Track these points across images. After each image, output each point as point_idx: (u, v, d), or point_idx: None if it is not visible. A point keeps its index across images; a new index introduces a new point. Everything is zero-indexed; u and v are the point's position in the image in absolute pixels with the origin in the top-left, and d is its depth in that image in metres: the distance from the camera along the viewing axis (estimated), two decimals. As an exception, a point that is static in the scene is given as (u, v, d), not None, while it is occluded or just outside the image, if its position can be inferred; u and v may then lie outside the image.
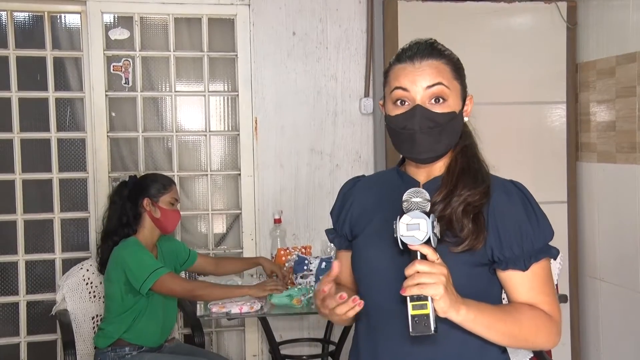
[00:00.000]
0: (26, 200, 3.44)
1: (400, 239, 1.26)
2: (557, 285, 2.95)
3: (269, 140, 3.61)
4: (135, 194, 2.83)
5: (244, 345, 3.66)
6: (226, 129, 3.69)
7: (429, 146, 1.38)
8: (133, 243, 2.77)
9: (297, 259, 3.02)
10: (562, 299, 2.98)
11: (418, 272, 1.22)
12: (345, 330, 3.23)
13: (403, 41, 1.53)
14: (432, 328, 1.22)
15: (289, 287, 2.84)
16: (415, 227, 1.24)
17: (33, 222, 3.47)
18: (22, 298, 3.44)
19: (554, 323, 1.39)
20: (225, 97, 3.67)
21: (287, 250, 3.14)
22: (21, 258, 3.43)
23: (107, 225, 2.85)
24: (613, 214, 3.38)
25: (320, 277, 2.84)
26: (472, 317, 1.29)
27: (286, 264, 3.07)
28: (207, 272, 3.12)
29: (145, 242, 2.82)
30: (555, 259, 1.42)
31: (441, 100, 1.38)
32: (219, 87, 3.67)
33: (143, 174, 3.06)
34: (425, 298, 1.22)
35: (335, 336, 3.36)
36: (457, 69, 1.44)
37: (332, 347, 3.38)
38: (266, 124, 3.60)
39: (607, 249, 3.43)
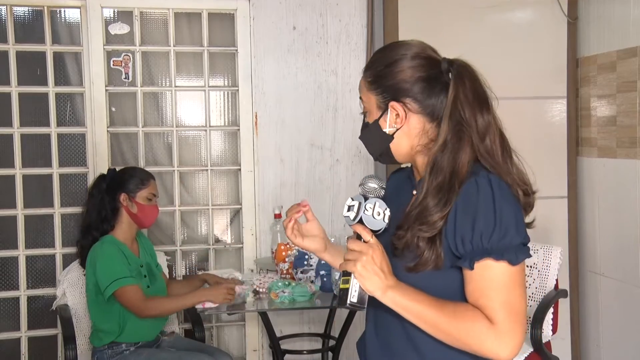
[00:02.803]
0: (26, 195, 3.44)
1: (344, 217, 1.40)
2: (557, 280, 2.96)
3: (269, 135, 3.60)
4: (113, 188, 2.82)
5: (245, 340, 3.67)
6: (226, 124, 3.68)
7: (368, 148, 1.54)
8: (109, 243, 2.76)
9: (297, 254, 3.02)
10: (562, 293, 2.98)
11: (349, 249, 1.33)
12: (346, 326, 3.23)
13: (403, 36, 1.54)
14: (348, 302, 1.31)
15: (290, 282, 2.84)
16: (352, 209, 1.37)
17: (33, 217, 3.47)
18: (23, 293, 3.45)
19: (495, 332, 1.27)
20: (226, 92, 3.67)
21: (288, 246, 3.14)
22: (22, 253, 3.43)
23: (86, 218, 2.85)
24: (613, 209, 3.37)
25: (321, 273, 2.87)
26: (399, 301, 1.31)
27: (286, 259, 3.07)
28: None
29: (124, 237, 2.82)
30: (513, 264, 1.29)
31: (366, 113, 1.51)
32: (219, 82, 3.66)
33: (122, 167, 3.01)
34: (349, 274, 1.33)
35: (336, 331, 3.37)
36: (376, 79, 1.45)
37: (332, 342, 3.38)
38: (266, 119, 3.60)
39: (608, 243, 3.43)
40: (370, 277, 1.30)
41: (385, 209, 1.37)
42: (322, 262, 2.91)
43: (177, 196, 3.59)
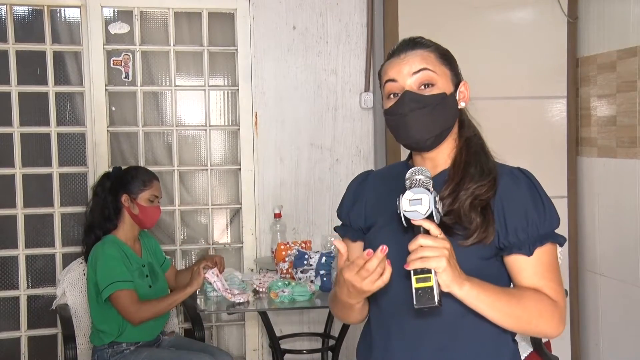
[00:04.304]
0: (26, 195, 3.43)
1: (404, 215, 1.29)
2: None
3: (269, 135, 3.60)
4: (116, 188, 2.82)
5: (244, 339, 3.67)
6: (226, 123, 3.68)
7: (421, 127, 1.41)
8: (110, 243, 2.76)
9: (297, 253, 3.02)
10: (562, 293, 2.99)
11: (421, 246, 1.25)
12: (346, 325, 3.23)
13: (403, 35, 1.54)
14: (436, 300, 1.24)
15: (289, 281, 2.84)
16: (417, 202, 1.27)
17: (33, 216, 3.47)
18: (23, 292, 3.45)
19: (558, 309, 1.38)
20: (225, 92, 3.67)
21: (287, 245, 3.14)
22: (21, 252, 3.43)
23: (90, 217, 2.85)
24: (613, 209, 3.37)
25: (321, 272, 2.87)
26: (474, 294, 1.30)
27: (286, 259, 3.07)
28: (171, 284, 3.03)
29: (126, 237, 2.82)
30: (561, 245, 1.42)
31: (430, 85, 1.43)
32: (219, 82, 3.66)
33: (126, 167, 3.01)
34: (428, 271, 1.24)
35: (335, 331, 3.37)
36: (444, 56, 1.47)
37: (332, 342, 3.38)
38: (266, 118, 3.60)
39: (607, 243, 3.43)
40: (453, 272, 1.26)
41: (438, 198, 1.31)
42: (322, 261, 2.91)
43: (177, 196, 3.59)
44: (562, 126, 3.61)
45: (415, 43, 1.46)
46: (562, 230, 3.63)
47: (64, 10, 3.47)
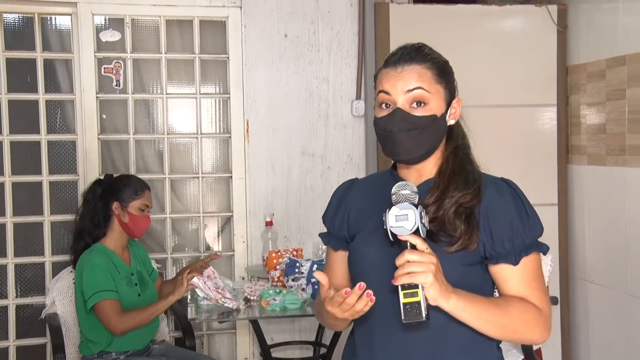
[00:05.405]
0: (16, 203, 3.41)
1: (390, 230, 1.30)
2: (547, 287, 2.97)
3: (260, 143, 3.60)
4: (107, 195, 2.80)
5: (235, 348, 3.65)
6: (218, 131, 3.68)
7: (409, 147, 1.43)
8: (97, 252, 2.74)
9: (288, 261, 3.01)
10: (553, 300, 2.99)
11: (408, 262, 1.27)
12: (337, 334, 3.22)
13: (394, 44, 1.55)
14: (424, 315, 1.26)
15: (281, 289, 2.83)
16: (403, 218, 1.29)
17: (23, 224, 3.45)
18: (12, 301, 3.42)
19: (543, 317, 1.41)
20: (217, 100, 3.67)
21: (279, 253, 3.13)
22: (10, 261, 3.41)
23: (80, 224, 2.83)
24: (603, 216, 3.39)
25: (312, 280, 2.86)
26: (461, 306, 1.32)
27: (278, 267, 3.06)
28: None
29: (115, 245, 2.80)
30: (545, 254, 1.45)
31: (422, 104, 1.42)
32: (211, 90, 3.66)
33: (118, 174, 3.00)
34: (415, 286, 1.26)
35: (327, 339, 3.36)
36: (442, 73, 1.46)
37: (323, 350, 3.37)
38: (258, 126, 3.59)
39: (597, 251, 3.45)
40: (440, 286, 1.28)
41: (424, 213, 1.33)
42: (314, 269, 2.91)
43: (168, 203, 3.57)
44: (552, 134, 3.63)
45: (416, 54, 1.44)
46: (553, 237, 3.67)
47: (55, 18, 3.46)
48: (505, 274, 1.42)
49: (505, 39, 3.61)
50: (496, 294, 1.51)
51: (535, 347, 2.79)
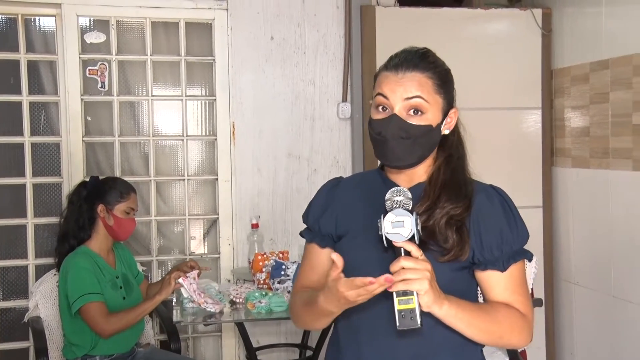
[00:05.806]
0: (-1, 206, 3.38)
1: (386, 237, 1.30)
2: (532, 289, 2.98)
3: (246, 145, 3.59)
4: (92, 197, 2.79)
5: (221, 350, 3.64)
6: (204, 133, 3.66)
7: (400, 155, 1.42)
8: (82, 255, 2.72)
9: (274, 264, 3.01)
10: (537, 302, 3.01)
11: (403, 268, 1.27)
12: (323, 336, 3.22)
13: (381, 46, 1.55)
14: (419, 322, 1.27)
15: (267, 292, 2.83)
16: (399, 225, 1.29)
17: (6, 227, 3.41)
18: (-6, 305, 3.39)
19: (527, 322, 1.44)
20: (203, 102, 3.65)
21: (265, 256, 3.13)
22: (-7, 264, 3.38)
23: (64, 226, 2.81)
24: (587, 219, 3.42)
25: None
26: (453, 313, 1.33)
27: (263, 270, 3.05)
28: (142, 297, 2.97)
29: (100, 248, 2.79)
30: (530, 261, 1.48)
31: (419, 112, 1.41)
32: (197, 92, 3.65)
33: (104, 177, 2.98)
34: (410, 293, 1.26)
35: (313, 341, 3.36)
36: (443, 83, 1.45)
37: (309, 352, 3.37)
38: (244, 128, 3.59)
39: (582, 253, 3.48)
40: (435, 293, 1.29)
41: (418, 219, 1.33)
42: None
43: (154, 206, 3.56)
44: (537, 137, 3.65)
45: (419, 60, 1.43)
46: (538, 239, 3.69)
47: (39, 19, 3.43)
48: (493, 280, 1.44)
49: (491, 43, 3.63)
50: (480, 299, 1.52)
51: (520, 350, 2.81)
